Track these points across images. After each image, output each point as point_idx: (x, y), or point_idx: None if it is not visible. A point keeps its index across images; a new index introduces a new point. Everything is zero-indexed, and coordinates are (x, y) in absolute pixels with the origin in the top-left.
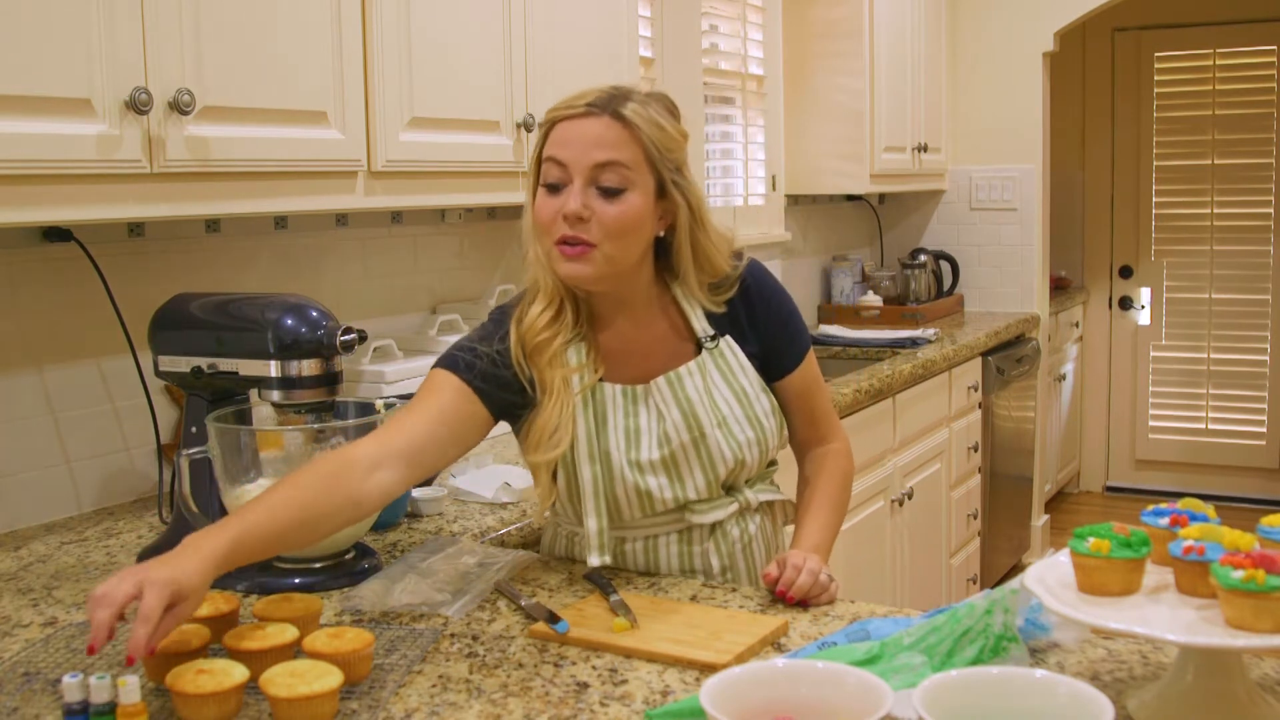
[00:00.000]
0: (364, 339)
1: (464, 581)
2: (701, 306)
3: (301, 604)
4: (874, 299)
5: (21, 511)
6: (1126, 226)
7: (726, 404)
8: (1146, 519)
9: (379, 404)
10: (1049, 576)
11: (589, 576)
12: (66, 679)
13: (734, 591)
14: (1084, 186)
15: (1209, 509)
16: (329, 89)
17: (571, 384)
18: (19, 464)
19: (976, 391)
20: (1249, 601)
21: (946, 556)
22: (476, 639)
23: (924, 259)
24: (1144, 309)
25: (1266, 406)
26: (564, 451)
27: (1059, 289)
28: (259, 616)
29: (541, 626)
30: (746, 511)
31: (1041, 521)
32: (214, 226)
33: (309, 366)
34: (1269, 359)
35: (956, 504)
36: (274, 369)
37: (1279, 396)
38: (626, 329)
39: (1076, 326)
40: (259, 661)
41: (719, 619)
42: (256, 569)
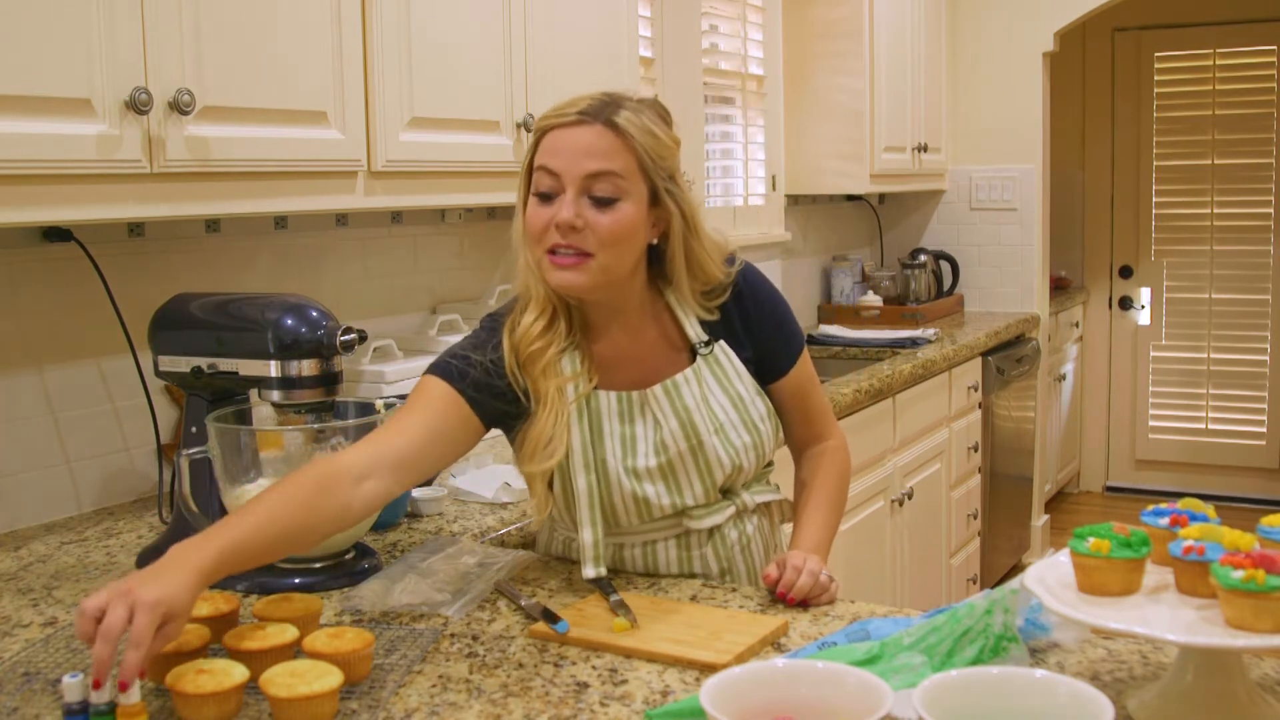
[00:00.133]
0: (364, 339)
1: (464, 581)
2: (695, 313)
3: (301, 604)
4: (874, 299)
5: (21, 511)
6: (1126, 226)
7: (723, 410)
8: (1146, 519)
9: (379, 404)
10: (1049, 576)
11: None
12: (66, 679)
13: (734, 591)
14: (1084, 186)
15: (1209, 509)
16: (329, 89)
17: (566, 393)
18: (19, 464)
19: (976, 391)
20: (1249, 601)
21: (946, 556)
22: (476, 639)
23: (924, 259)
24: (1144, 309)
25: (1266, 406)
26: (559, 461)
27: (1059, 289)
28: (259, 616)
29: (541, 626)
30: (744, 514)
31: (1041, 521)
32: (214, 226)
33: (309, 366)
34: (1269, 359)
35: (956, 504)
36: (274, 369)
37: (1279, 396)
38: (620, 337)
39: (1076, 326)
40: (259, 661)
41: (719, 619)
42: (256, 569)
